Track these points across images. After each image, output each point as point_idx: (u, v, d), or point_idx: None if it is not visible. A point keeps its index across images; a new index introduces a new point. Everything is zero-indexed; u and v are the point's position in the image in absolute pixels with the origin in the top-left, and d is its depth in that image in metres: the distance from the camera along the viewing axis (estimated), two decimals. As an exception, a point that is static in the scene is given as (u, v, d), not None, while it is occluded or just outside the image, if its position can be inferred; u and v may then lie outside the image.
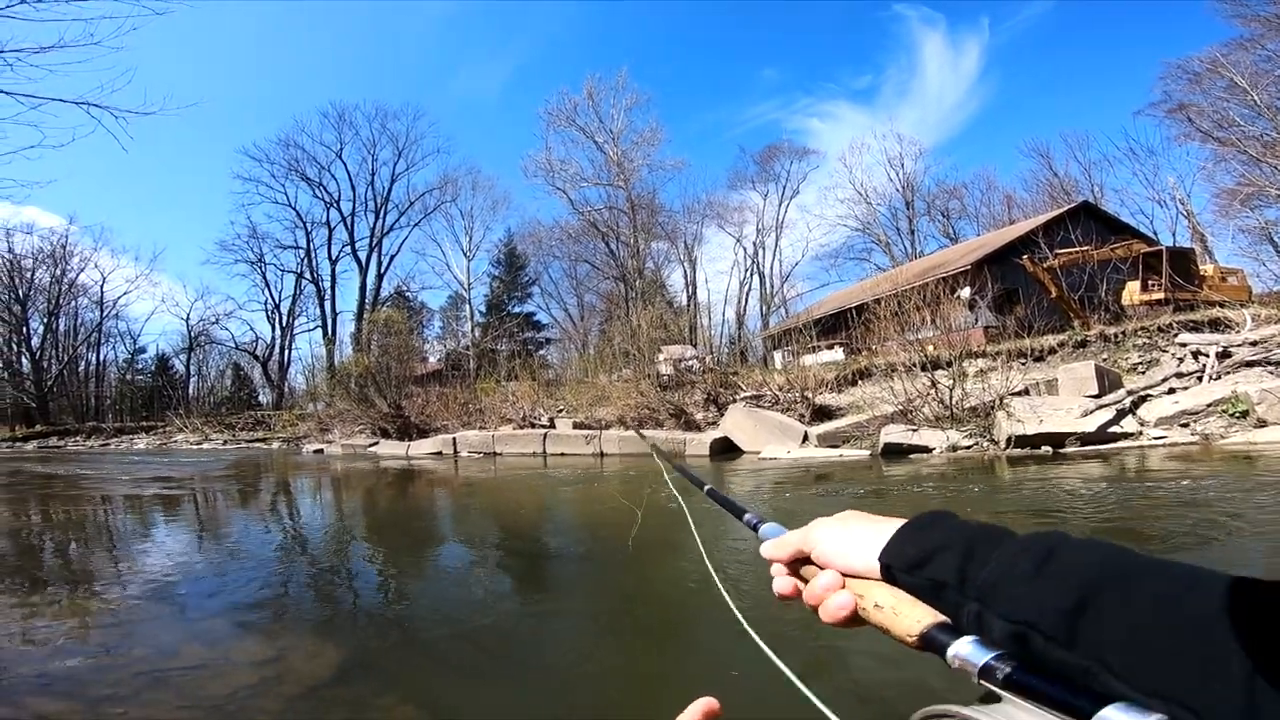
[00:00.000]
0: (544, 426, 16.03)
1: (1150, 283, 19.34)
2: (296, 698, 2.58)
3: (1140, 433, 9.16)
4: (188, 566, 5.23)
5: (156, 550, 5.99)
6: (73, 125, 7.41)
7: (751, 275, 48.90)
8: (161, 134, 51.44)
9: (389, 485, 11.34)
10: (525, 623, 3.61)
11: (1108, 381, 10.60)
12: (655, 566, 4.69)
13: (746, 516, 0.74)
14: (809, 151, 49.74)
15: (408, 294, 50.85)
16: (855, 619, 0.56)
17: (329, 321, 49.45)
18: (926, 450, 9.59)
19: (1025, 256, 18.94)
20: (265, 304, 50.34)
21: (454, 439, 16.83)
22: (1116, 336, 13.26)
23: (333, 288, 50.24)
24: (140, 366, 55.18)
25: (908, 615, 0.53)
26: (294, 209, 49.02)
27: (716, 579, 1.00)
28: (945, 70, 67.47)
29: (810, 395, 12.75)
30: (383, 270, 49.99)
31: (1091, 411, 9.60)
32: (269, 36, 71.10)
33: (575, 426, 15.17)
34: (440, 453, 16.67)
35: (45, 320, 47.68)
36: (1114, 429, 9.14)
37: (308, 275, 49.97)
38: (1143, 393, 10.26)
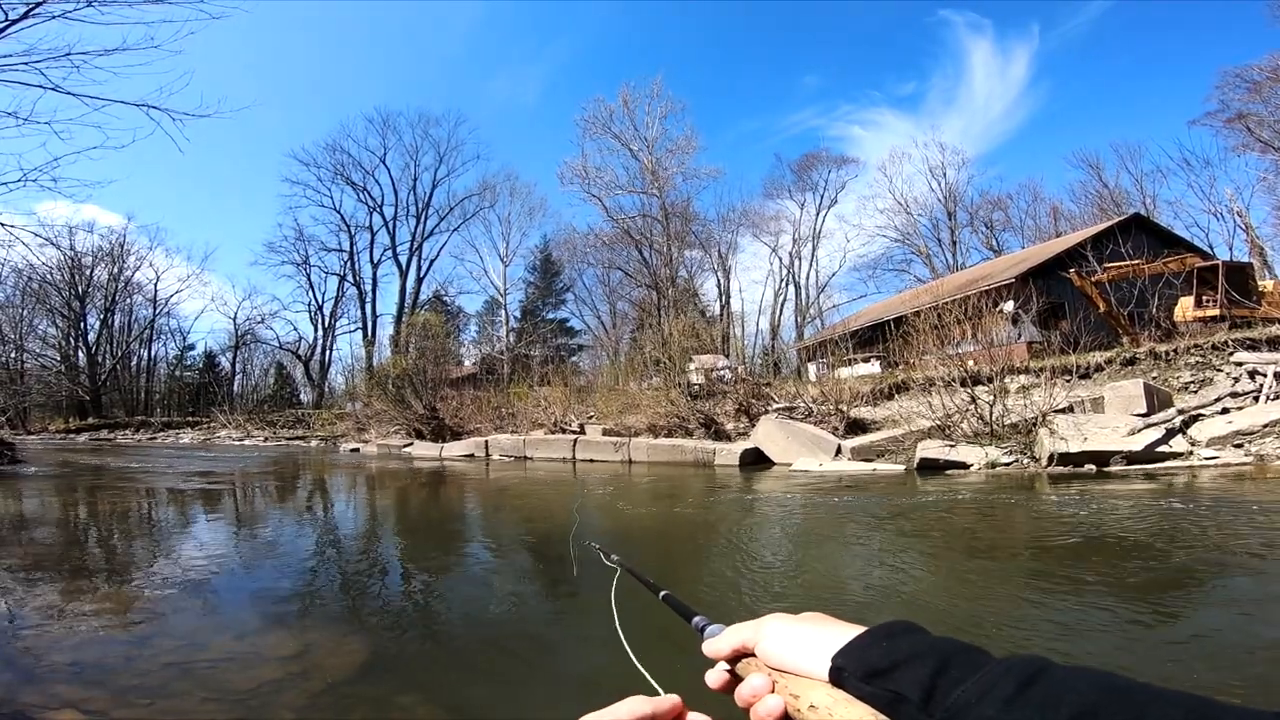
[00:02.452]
0: (574, 432, 16.10)
1: (1205, 298, 18.55)
2: (320, 693, 2.61)
3: (1190, 452, 8.78)
4: (222, 560, 5.36)
5: (194, 543, 6.16)
6: (133, 127, 7.66)
7: (787, 285, 48.50)
8: (214, 136, 53.23)
9: (421, 486, 11.50)
10: (548, 625, 3.61)
11: (1157, 400, 10.19)
12: (686, 570, 4.65)
13: (695, 620, 0.71)
14: (848, 160, 49.15)
15: (445, 298, 51.76)
16: None
17: (369, 323, 50.68)
18: (964, 466, 9.34)
19: (1073, 270, 18.39)
20: (309, 305, 51.86)
21: (486, 442, 17.01)
22: (1168, 354, 12.74)
23: (374, 290, 51.54)
24: (189, 363, 57.18)
25: (842, 716, 0.49)
26: (338, 213, 50.46)
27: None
28: (993, 78, 65.94)
29: (845, 408, 12.55)
30: (422, 274, 51.12)
31: (1139, 430, 9.23)
32: (313, 41, 73.23)
33: (605, 433, 15.19)
34: (472, 455, 16.86)
35: (102, 316, 49.71)
36: (1162, 448, 8.77)
37: (350, 278, 51.34)
38: (1194, 412, 9.84)
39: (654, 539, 6.26)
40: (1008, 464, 9.26)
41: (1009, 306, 18.87)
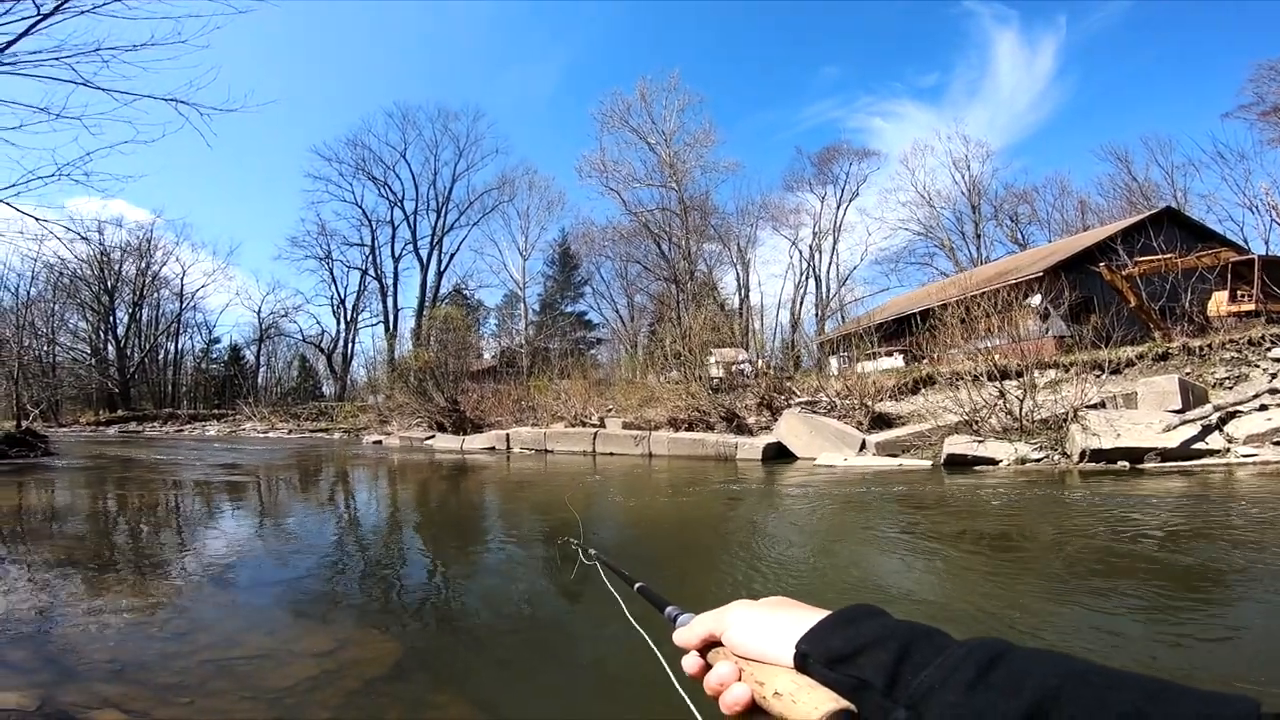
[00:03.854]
0: (594, 426, 16.11)
1: (1240, 293, 18.10)
2: (355, 692, 2.61)
3: (1228, 450, 8.56)
4: (252, 554, 5.43)
5: (223, 536, 6.24)
6: (162, 122, 7.75)
7: (807, 279, 48.17)
8: (237, 131, 53.90)
9: (444, 479, 11.58)
10: (580, 621, 3.59)
11: (1193, 396, 9.95)
12: (698, 563, 4.62)
13: (668, 610, 0.71)
14: (869, 153, 48.59)
15: (465, 292, 52.10)
16: (755, 709, 0.53)
17: (390, 317, 51.26)
18: (992, 462, 9.20)
19: (1103, 264, 18.00)
20: (331, 299, 52.69)
21: (507, 435, 17.09)
22: (1202, 349, 12.43)
23: (395, 284, 52.13)
24: (214, 356, 58.19)
25: (805, 702, 0.49)
26: (360, 207, 51.13)
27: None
28: (1019, 69, 64.63)
29: (870, 403, 12.42)
30: (443, 268, 51.59)
31: (1175, 427, 9.02)
32: (332, 34, 73.94)
33: (625, 427, 15.18)
34: (493, 448, 16.95)
35: (130, 311, 50.80)
36: (1198, 445, 8.58)
37: (372, 272, 51.98)
38: (1231, 408, 9.59)
39: (674, 532, 6.24)
40: (1038, 460, 9.10)
41: (1036, 300, 18.54)
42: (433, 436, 20.50)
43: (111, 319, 49.60)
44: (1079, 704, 0.37)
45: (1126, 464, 8.39)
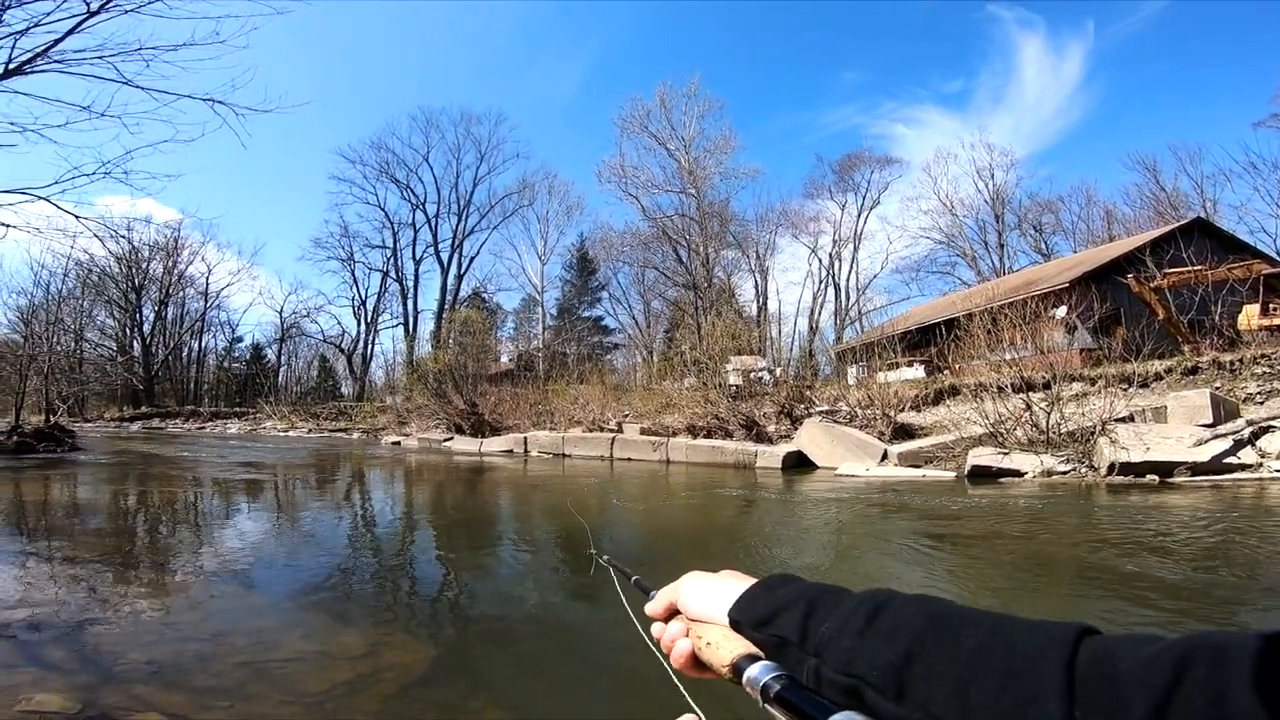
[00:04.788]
0: (612, 431, 16.11)
1: (1272, 306, 17.71)
2: (391, 697, 2.61)
3: (1260, 465, 8.39)
4: (280, 555, 5.48)
5: (250, 536, 6.31)
6: (199, 121, 7.85)
7: (826, 287, 47.73)
8: (266, 131, 54.70)
9: (463, 481, 11.62)
10: (598, 620, 3.57)
11: (1224, 411, 9.75)
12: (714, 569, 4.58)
13: (650, 592, 0.78)
14: (891, 161, 48.01)
15: (484, 295, 52.42)
16: (698, 661, 0.62)
17: (410, 319, 51.67)
18: (1018, 474, 9.07)
19: (1131, 275, 17.71)
20: (352, 300, 53.22)
21: (525, 438, 17.13)
22: (1232, 364, 12.19)
23: (415, 286, 52.54)
24: (236, 355, 59.00)
25: (725, 649, 0.57)
26: (383, 210, 51.54)
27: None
28: (1045, 75, 63.51)
29: (892, 413, 12.31)
30: (463, 271, 51.91)
31: (1206, 441, 8.84)
32: (359, 36, 74.98)
33: (642, 432, 15.16)
34: (511, 451, 17.00)
35: (156, 309, 51.65)
36: (1230, 460, 8.41)
37: (393, 274, 52.45)
38: (1265, 423, 9.39)
39: (692, 538, 6.21)
40: (1064, 472, 8.96)
41: (1061, 312, 18.28)
42: (451, 438, 20.61)
43: (138, 316, 50.48)
44: (938, 644, 0.44)
45: (1156, 478, 8.25)
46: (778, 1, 72.52)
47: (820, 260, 47.67)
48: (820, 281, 47.72)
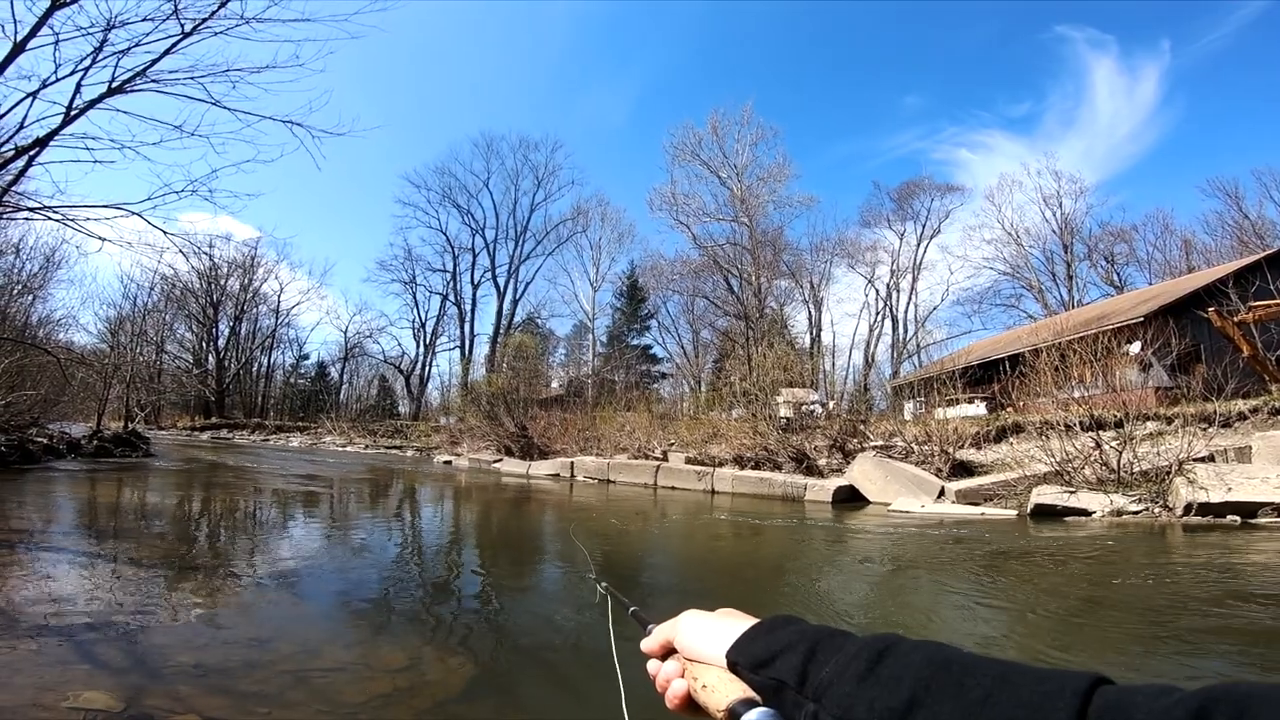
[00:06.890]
0: (657, 459, 15.99)
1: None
2: (426, 712, 2.60)
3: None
4: (331, 566, 5.60)
5: (303, 546, 6.48)
6: (279, 143, 8.26)
7: (883, 319, 46.52)
8: (337, 154, 57.51)
9: (509, 502, 11.71)
10: (623, 644, 3.49)
11: (1318, 454, 9.01)
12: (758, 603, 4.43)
13: (649, 626, 0.75)
14: (953, 188, 46.52)
15: (538, 320, 53.31)
16: (693, 703, 0.60)
17: (466, 342, 53.01)
18: (1085, 513, 8.55)
19: (1212, 309, 16.67)
20: (412, 322, 54.90)
21: (571, 463, 17.18)
22: (1328, 404, 11.30)
23: (473, 310, 54.00)
24: (302, 372, 61.53)
25: (721, 692, 0.56)
26: (444, 234, 53.25)
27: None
28: (1118, 97, 60.52)
29: (951, 449, 11.83)
30: (518, 296, 53.05)
31: (1296, 485, 8.17)
32: (421, 61, 77.92)
33: (688, 461, 14.99)
34: (558, 475, 17.07)
35: (231, 324, 54.43)
36: (1323, 505, 7.74)
37: (452, 297, 54.02)
38: (1366, 470, 8.61)
39: (737, 571, 6.04)
40: (1135, 512, 8.40)
41: (1135, 348, 17.32)
42: (500, 460, 20.84)
43: (214, 330, 53.23)
44: (943, 692, 0.43)
45: (1237, 518, 7.67)
46: (835, 26, 72.18)
47: (877, 291, 46.53)
48: (877, 313, 46.55)
